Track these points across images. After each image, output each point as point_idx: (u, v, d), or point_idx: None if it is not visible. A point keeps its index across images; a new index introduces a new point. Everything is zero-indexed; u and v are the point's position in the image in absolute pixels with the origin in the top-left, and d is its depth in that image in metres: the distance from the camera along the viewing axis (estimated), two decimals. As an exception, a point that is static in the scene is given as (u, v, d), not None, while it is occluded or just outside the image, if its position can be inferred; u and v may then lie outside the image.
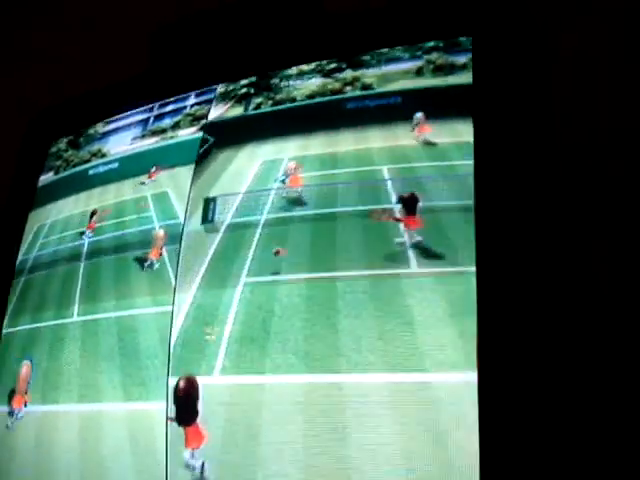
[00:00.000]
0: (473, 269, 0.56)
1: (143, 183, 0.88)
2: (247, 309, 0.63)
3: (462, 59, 0.69)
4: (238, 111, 0.82)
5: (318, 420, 0.54)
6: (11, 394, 0.85)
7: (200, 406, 0.62)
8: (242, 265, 0.66)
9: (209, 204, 0.74)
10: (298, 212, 0.68)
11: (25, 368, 0.86)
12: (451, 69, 0.70)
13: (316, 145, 0.73)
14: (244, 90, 0.82)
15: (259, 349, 0.58)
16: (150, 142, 0.92)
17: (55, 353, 0.83)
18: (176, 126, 0.89)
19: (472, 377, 0.50)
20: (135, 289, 0.79)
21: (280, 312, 0.59)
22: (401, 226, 0.61)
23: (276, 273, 0.63)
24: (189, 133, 0.87)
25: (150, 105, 0.94)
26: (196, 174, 0.79)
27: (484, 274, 0.56)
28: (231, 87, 0.84)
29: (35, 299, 0.94)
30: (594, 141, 0.83)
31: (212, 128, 0.83)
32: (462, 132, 0.64)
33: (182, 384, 0.64)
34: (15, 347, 0.91)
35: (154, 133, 0.93)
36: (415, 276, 0.57)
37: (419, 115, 0.69)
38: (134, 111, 0.96)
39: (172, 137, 0.89)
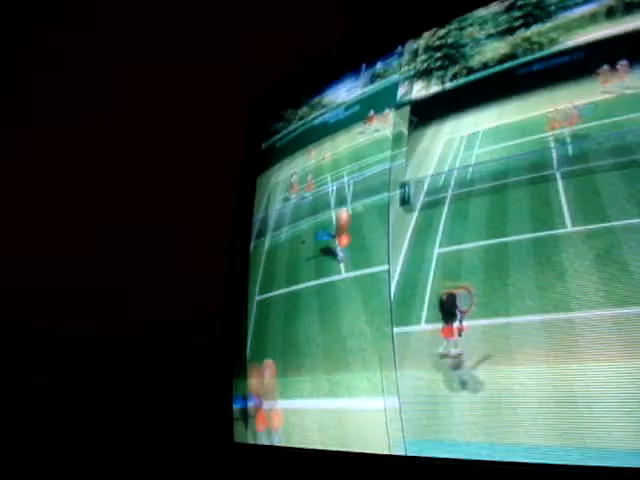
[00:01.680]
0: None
1: (362, 132, 1.01)
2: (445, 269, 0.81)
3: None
4: (435, 86, 0.91)
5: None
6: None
7: (458, 314, 0.77)
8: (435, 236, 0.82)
9: (404, 187, 0.87)
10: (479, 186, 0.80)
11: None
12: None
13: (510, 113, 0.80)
14: (438, 63, 0.91)
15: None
16: (363, 90, 1.03)
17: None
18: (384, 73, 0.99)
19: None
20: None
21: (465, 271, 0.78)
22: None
23: (461, 243, 0.79)
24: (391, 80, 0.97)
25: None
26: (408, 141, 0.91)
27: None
28: (425, 64, 0.92)
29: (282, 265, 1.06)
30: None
31: (415, 106, 0.93)
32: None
33: (444, 297, 0.80)
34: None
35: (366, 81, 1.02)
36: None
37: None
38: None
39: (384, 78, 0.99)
